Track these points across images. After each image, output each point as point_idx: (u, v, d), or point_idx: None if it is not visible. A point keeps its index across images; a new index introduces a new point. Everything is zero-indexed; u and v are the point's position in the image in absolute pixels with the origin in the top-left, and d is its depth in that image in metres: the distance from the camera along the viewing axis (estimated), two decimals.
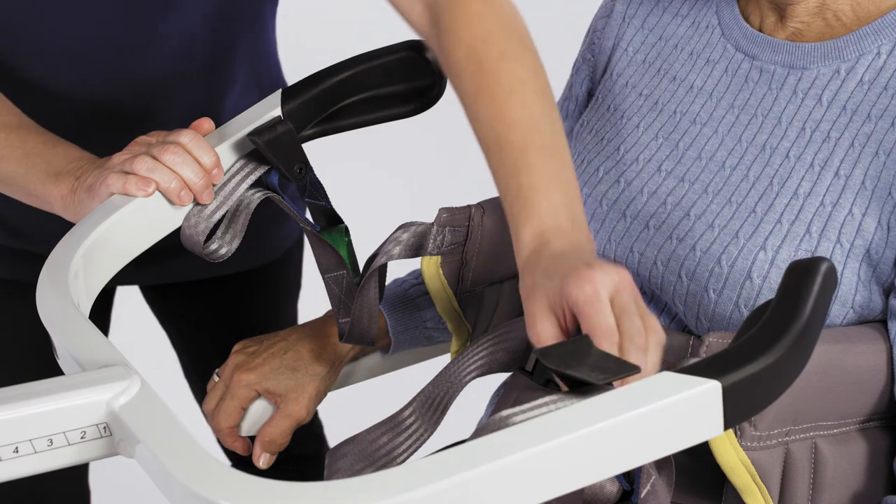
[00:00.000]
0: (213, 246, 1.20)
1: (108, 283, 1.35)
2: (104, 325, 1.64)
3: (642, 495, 0.86)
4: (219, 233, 1.20)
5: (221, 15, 1.35)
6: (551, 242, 0.94)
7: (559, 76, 1.52)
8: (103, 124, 1.34)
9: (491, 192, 1.06)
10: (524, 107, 1.02)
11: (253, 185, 1.21)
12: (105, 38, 1.30)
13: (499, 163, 1.01)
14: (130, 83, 1.34)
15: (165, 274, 1.58)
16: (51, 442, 0.88)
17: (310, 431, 1.74)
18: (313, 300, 1.77)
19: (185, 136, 1.17)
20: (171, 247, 1.49)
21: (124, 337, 1.52)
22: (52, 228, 1.29)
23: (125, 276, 1.47)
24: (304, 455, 1.67)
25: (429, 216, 1.28)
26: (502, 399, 1.28)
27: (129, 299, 1.69)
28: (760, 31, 1.18)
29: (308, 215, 1.30)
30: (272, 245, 1.61)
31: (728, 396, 0.81)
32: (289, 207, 1.21)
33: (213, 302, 1.64)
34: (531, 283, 0.91)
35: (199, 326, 1.67)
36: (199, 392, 1.74)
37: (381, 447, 1.05)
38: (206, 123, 1.22)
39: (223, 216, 1.20)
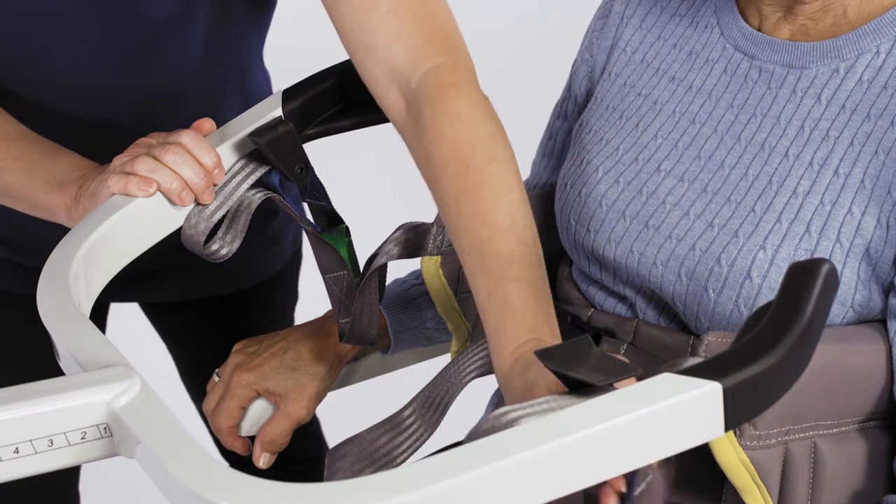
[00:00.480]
0: (214, 246, 1.20)
1: (102, 299, 1.33)
2: None
3: (636, 493, 0.85)
4: (219, 233, 1.20)
5: (213, 39, 1.34)
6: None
7: (559, 76, 1.52)
8: (102, 141, 1.33)
9: None
10: (510, 214, 1.01)
11: (254, 186, 1.21)
12: (101, 59, 1.29)
13: (480, 267, 1.00)
14: (130, 102, 1.34)
15: (160, 293, 1.58)
16: (51, 442, 0.88)
17: (307, 432, 1.73)
18: (313, 300, 1.77)
19: (186, 137, 1.17)
20: (166, 269, 1.49)
21: (121, 336, 1.51)
22: (43, 243, 1.29)
23: (119, 293, 1.47)
24: (304, 455, 1.67)
25: (429, 216, 1.27)
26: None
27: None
28: (759, 30, 1.18)
29: (309, 215, 1.30)
30: (266, 267, 1.61)
31: (729, 398, 0.81)
32: (289, 207, 1.21)
33: (209, 316, 1.64)
34: (531, 379, 0.91)
35: (196, 337, 1.68)
36: (197, 397, 1.74)
37: (381, 447, 1.05)
38: (207, 124, 1.21)
39: (224, 216, 1.20)
